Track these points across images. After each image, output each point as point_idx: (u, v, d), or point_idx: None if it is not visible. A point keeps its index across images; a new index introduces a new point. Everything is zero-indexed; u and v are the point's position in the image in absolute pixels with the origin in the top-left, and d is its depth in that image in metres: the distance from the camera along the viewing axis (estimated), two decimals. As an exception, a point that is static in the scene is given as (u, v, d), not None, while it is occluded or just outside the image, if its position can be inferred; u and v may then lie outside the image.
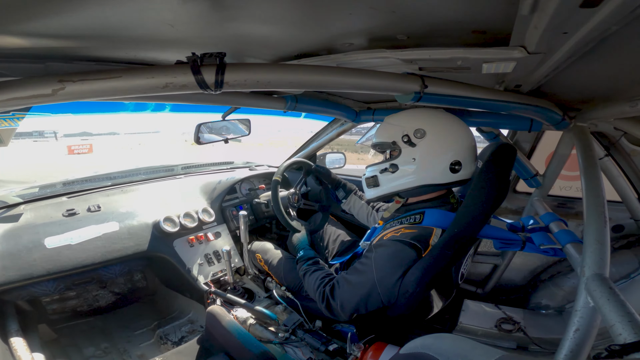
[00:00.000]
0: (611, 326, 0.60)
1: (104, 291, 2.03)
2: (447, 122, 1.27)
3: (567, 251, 1.03)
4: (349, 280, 1.20)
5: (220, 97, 1.32)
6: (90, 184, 2.05)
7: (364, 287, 1.15)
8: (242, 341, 1.33)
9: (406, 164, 1.27)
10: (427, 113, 1.29)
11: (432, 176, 1.25)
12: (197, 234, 1.94)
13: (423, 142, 1.23)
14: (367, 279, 1.15)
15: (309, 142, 2.42)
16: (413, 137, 1.24)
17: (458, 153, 1.23)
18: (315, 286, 1.30)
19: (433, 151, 1.24)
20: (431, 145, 1.23)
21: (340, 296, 1.20)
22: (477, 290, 2.17)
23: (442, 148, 1.23)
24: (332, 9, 0.65)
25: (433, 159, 1.24)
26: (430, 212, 1.21)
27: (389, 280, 1.11)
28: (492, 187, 1.12)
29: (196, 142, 1.83)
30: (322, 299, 1.25)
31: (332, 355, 1.37)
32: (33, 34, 0.66)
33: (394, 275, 1.10)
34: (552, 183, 1.54)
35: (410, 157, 1.25)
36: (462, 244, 1.09)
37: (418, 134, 1.23)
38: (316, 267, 1.38)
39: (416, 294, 1.08)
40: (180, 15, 0.65)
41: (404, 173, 1.28)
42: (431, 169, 1.24)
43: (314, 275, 1.34)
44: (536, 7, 0.48)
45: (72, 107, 2.34)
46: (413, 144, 1.24)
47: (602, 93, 1.01)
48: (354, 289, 1.18)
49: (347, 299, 1.19)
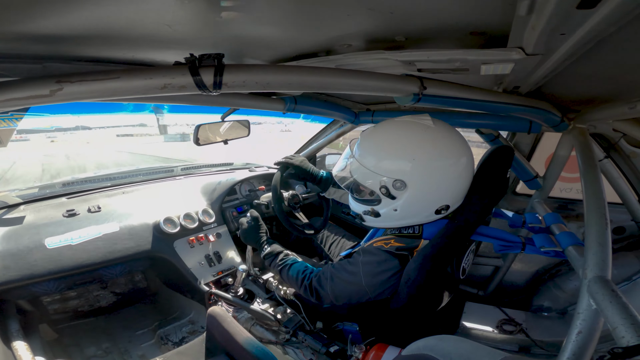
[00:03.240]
0: (614, 329, 0.59)
1: (105, 291, 2.03)
2: (435, 161, 1.09)
3: (569, 253, 1.03)
4: (338, 275, 1.23)
5: (219, 98, 1.32)
6: (91, 184, 2.05)
7: (352, 284, 1.19)
8: (243, 342, 1.33)
9: (388, 212, 1.18)
10: (409, 150, 1.09)
11: (418, 220, 1.18)
12: (197, 235, 1.95)
13: (404, 195, 1.12)
14: (355, 279, 1.19)
15: (308, 143, 2.42)
16: (392, 188, 1.11)
17: (445, 198, 1.13)
18: (298, 281, 1.32)
19: (416, 202, 1.13)
20: (413, 198, 1.12)
21: (330, 287, 1.23)
22: (478, 292, 2.16)
23: (427, 198, 1.12)
24: (331, 10, 0.65)
25: (416, 209, 1.15)
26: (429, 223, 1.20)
27: (375, 282, 1.15)
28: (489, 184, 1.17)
29: (195, 143, 1.83)
30: (310, 292, 1.28)
31: (333, 356, 1.36)
32: (31, 35, 0.67)
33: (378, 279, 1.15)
34: (552, 185, 1.54)
35: (391, 207, 1.16)
36: (461, 234, 1.13)
37: (397, 185, 1.10)
38: (292, 261, 1.39)
39: (418, 282, 1.11)
40: (178, 16, 0.65)
41: (387, 218, 1.20)
42: (416, 216, 1.17)
43: (292, 270, 1.35)
44: (533, 8, 0.48)
45: (72, 108, 2.34)
46: (393, 197, 1.13)
47: (601, 95, 1.01)
48: (343, 283, 1.21)
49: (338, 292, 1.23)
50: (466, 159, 1.13)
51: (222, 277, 1.88)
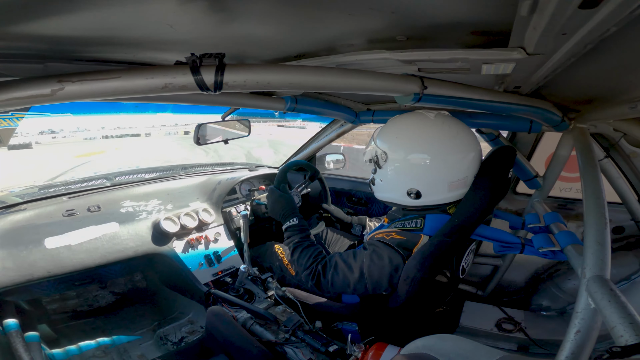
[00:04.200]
0: (612, 328, 0.60)
1: (104, 291, 2.03)
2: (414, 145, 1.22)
3: (568, 253, 1.03)
4: (342, 266, 1.26)
5: (220, 97, 1.32)
6: (90, 184, 2.05)
7: (354, 275, 1.24)
8: (242, 342, 1.33)
9: (378, 181, 1.33)
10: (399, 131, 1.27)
11: (395, 197, 1.30)
12: (197, 235, 1.95)
13: (386, 166, 1.27)
14: (357, 271, 1.23)
15: (308, 142, 2.42)
16: (380, 159, 1.27)
17: (417, 182, 1.22)
18: (307, 263, 1.34)
19: (392, 177, 1.27)
20: (390, 171, 1.27)
21: (331, 277, 1.27)
22: (477, 292, 2.17)
23: (398, 176, 1.25)
24: (332, 10, 0.65)
25: (391, 185, 1.28)
26: (432, 217, 1.22)
27: (375, 271, 1.21)
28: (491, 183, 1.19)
29: (196, 142, 1.83)
30: (312, 276, 1.30)
31: (332, 356, 1.36)
32: (33, 34, 0.66)
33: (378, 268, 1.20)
34: (552, 184, 1.54)
35: (379, 177, 1.32)
36: (461, 233, 1.15)
37: (382, 156, 1.26)
38: (309, 242, 1.41)
39: (417, 280, 1.13)
40: (179, 16, 0.65)
41: (378, 188, 1.36)
42: (392, 191, 1.29)
43: (307, 251, 1.37)
44: (535, 8, 0.47)
45: (72, 108, 2.34)
46: (380, 166, 1.28)
47: (602, 94, 1.01)
48: (346, 274, 1.25)
49: (338, 280, 1.26)
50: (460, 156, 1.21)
51: (221, 277, 1.88)
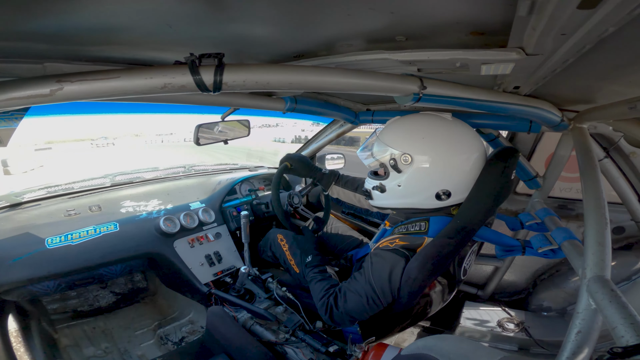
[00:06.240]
0: (613, 328, 0.60)
1: (105, 291, 2.03)
2: (443, 143, 1.17)
3: (565, 250, 1.03)
4: (351, 289, 1.24)
5: (219, 97, 1.32)
6: (91, 184, 2.05)
7: (364, 293, 1.19)
8: (243, 342, 1.33)
9: (393, 187, 1.25)
10: (423, 131, 1.19)
11: (418, 202, 1.24)
12: (197, 235, 1.95)
13: (409, 169, 1.18)
14: (367, 285, 1.19)
15: (308, 143, 2.42)
16: (400, 162, 1.18)
17: (448, 182, 1.18)
18: (319, 296, 1.33)
19: (418, 180, 1.18)
20: (417, 174, 1.18)
21: (343, 305, 1.24)
22: (478, 292, 2.17)
23: (429, 177, 1.17)
24: (331, 10, 0.65)
25: (417, 188, 1.20)
26: (436, 219, 1.21)
27: (385, 283, 1.16)
28: (495, 183, 1.16)
29: (196, 143, 1.83)
30: (325, 310, 1.28)
31: (332, 356, 1.36)
32: (32, 34, 0.67)
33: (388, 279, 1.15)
34: (552, 184, 1.53)
35: (396, 182, 1.23)
36: (464, 234, 1.13)
37: (405, 159, 1.17)
38: (322, 277, 1.40)
39: (419, 281, 1.11)
40: (178, 16, 0.65)
41: (391, 195, 1.27)
42: (416, 195, 1.22)
43: (320, 284, 1.36)
44: (534, 8, 0.48)
45: (72, 108, 2.34)
46: (399, 170, 1.19)
47: (601, 95, 1.01)
48: (355, 296, 1.21)
49: (351, 308, 1.23)
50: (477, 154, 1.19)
51: (222, 277, 1.88)
